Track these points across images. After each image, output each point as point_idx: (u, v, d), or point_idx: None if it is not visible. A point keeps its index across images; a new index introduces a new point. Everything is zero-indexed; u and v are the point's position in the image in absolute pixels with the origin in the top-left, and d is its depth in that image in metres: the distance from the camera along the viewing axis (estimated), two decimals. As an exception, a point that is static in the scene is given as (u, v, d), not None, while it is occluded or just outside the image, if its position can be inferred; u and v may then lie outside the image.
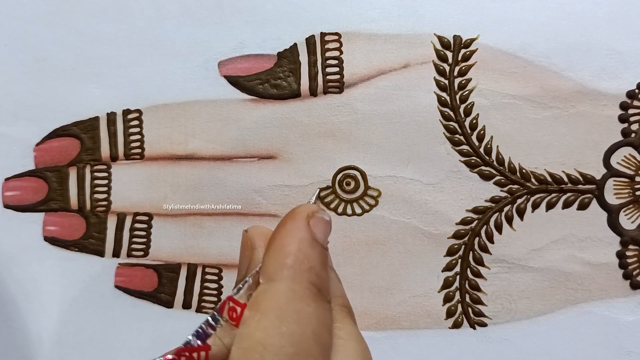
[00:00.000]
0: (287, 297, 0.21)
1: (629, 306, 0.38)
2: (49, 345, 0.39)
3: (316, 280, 0.22)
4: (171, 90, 0.39)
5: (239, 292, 0.22)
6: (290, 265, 0.22)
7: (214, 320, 0.21)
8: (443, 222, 0.38)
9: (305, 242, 0.22)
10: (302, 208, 0.24)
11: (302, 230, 0.23)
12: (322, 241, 0.23)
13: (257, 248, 0.24)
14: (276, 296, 0.21)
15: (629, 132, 0.38)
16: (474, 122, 0.38)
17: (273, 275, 0.21)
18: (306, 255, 0.22)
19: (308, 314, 0.21)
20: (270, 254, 0.22)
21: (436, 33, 0.38)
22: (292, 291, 0.21)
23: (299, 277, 0.21)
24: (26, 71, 0.40)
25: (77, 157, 0.40)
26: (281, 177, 0.39)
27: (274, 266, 0.22)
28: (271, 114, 0.39)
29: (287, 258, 0.22)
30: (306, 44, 0.39)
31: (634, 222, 0.38)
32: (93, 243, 0.39)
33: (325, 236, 0.24)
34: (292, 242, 0.22)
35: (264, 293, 0.21)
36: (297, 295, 0.21)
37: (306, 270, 0.22)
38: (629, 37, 0.38)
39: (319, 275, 0.22)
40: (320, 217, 0.24)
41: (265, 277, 0.22)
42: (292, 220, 0.23)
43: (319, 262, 0.22)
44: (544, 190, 0.38)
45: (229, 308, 0.21)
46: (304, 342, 0.20)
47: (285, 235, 0.23)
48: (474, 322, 0.38)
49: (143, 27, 0.39)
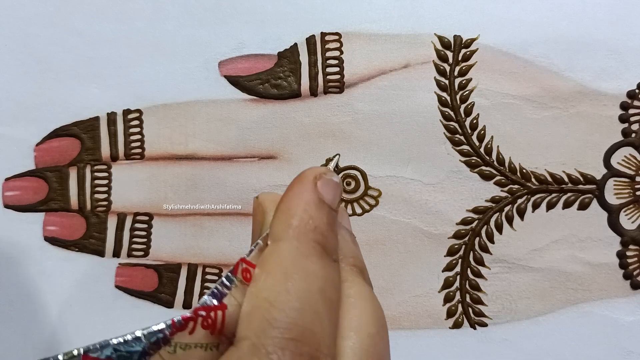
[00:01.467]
0: (292, 255, 0.21)
1: (629, 306, 0.38)
2: (48, 345, 0.39)
3: (321, 240, 0.22)
4: (171, 91, 0.39)
5: (251, 254, 0.22)
6: (295, 225, 0.22)
7: (228, 281, 0.21)
8: (443, 222, 0.38)
9: (312, 203, 0.23)
10: (309, 170, 0.24)
11: (308, 192, 0.23)
12: (330, 202, 0.23)
13: (267, 212, 0.24)
14: (282, 255, 0.21)
15: (629, 132, 0.38)
16: (474, 122, 0.38)
17: (279, 236, 0.22)
18: (311, 215, 0.22)
19: (313, 271, 0.21)
20: (277, 216, 0.23)
21: (436, 33, 0.38)
22: (297, 249, 0.21)
23: (304, 236, 0.22)
24: (26, 71, 0.40)
25: (78, 157, 0.40)
26: (281, 177, 0.39)
27: (280, 227, 0.22)
28: (271, 114, 0.39)
29: (292, 218, 0.22)
30: (306, 44, 0.39)
31: (634, 222, 0.38)
32: (93, 243, 0.39)
33: (333, 197, 0.24)
34: (298, 204, 0.22)
35: (270, 253, 0.21)
36: (302, 253, 0.21)
37: (311, 230, 0.22)
38: (629, 38, 0.38)
39: (325, 235, 0.22)
40: (328, 178, 0.24)
41: (272, 237, 0.22)
42: (299, 183, 0.23)
43: (325, 223, 0.22)
44: (545, 190, 0.38)
45: (243, 269, 0.21)
46: (310, 297, 0.20)
47: (292, 198, 0.23)
48: (475, 322, 0.38)
49: (143, 27, 0.39)
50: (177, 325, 0.20)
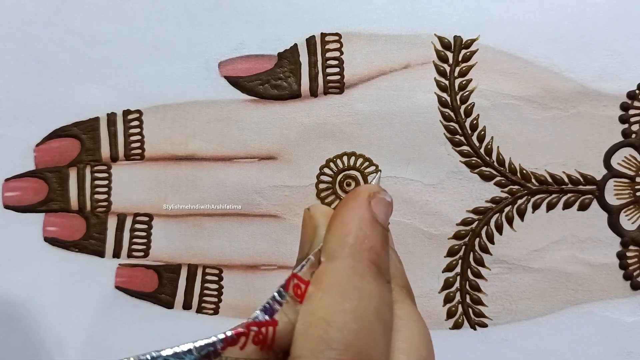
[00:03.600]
0: (348, 274, 0.21)
1: (630, 307, 0.38)
2: (49, 346, 0.39)
3: (376, 260, 0.22)
4: (171, 91, 0.39)
5: (302, 269, 0.22)
6: (351, 244, 0.22)
7: (280, 296, 0.21)
8: (443, 222, 0.38)
9: (366, 221, 0.22)
10: (364, 187, 0.24)
11: (363, 210, 0.23)
12: (382, 221, 0.23)
13: (319, 226, 0.23)
14: (337, 274, 0.21)
15: (630, 132, 0.38)
16: (474, 122, 0.38)
17: (334, 253, 0.22)
18: (367, 234, 0.22)
19: (370, 291, 0.21)
20: (332, 232, 0.22)
21: (437, 34, 0.38)
22: (353, 269, 0.21)
23: (360, 255, 0.21)
24: (26, 72, 0.40)
25: (78, 157, 0.40)
26: (281, 177, 0.39)
27: (335, 244, 0.22)
28: (271, 115, 0.39)
29: (348, 236, 0.22)
30: (306, 44, 0.39)
31: (634, 223, 0.38)
32: (93, 244, 0.39)
33: (386, 217, 0.24)
34: (353, 221, 0.22)
35: (325, 270, 0.21)
36: (358, 273, 0.21)
37: (367, 249, 0.22)
38: (630, 38, 0.38)
39: (379, 254, 0.22)
40: (381, 197, 0.24)
41: (326, 255, 0.22)
42: (353, 199, 0.23)
43: (380, 242, 0.22)
44: (545, 191, 0.38)
45: (294, 285, 0.21)
46: (367, 318, 0.20)
47: (346, 214, 0.23)
48: (475, 322, 0.38)
49: (143, 27, 0.39)
50: (229, 339, 0.20)
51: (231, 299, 0.39)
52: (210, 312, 0.39)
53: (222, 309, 0.39)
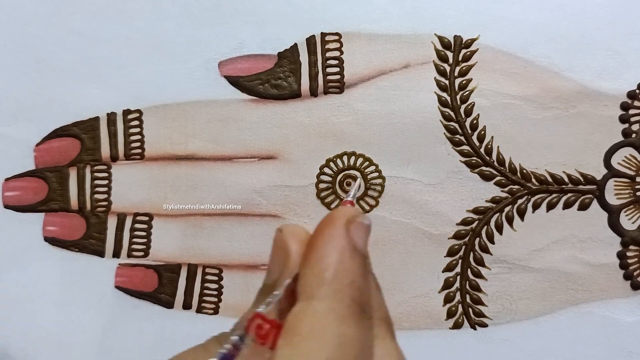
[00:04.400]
0: (327, 318, 0.19)
1: (630, 307, 0.38)
2: (49, 345, 0.39)
3: (358, 297, 0.20)
4: (171, 91, 0.39)
5: (268, 307, 0.20)
6: (330, 280, 0.20)
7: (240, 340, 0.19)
8: (443, 222, 0.38)
9: (346, 252, 0.21)
10: (340, 212, 0.22)
11: (341, 239, 0.21)
12: (362, 249, 0.21)
13: (291, 254, 0.22)
14: (315, 317, 0.19)
15: (630, 132, 0.38)
16: (474, 122, 0.38)
17: (312, 292, 0.20)
18: (347, 267, 0.20)
19: (350, 337, 0.19)
20: (309, 267, 0.21)
21: (437, 33, 0.38)
22: (333, 311, 0.20)
23: (340, 294, 0.20)
24: (26, 71, 0.40)
25: (78, 157, 0.40)
26: (281, 177, 0.39)
27: (312, 281, 0.20)
28: (271, 114, 0.39)
29: (326, 271, 0.20)
30: (306, 44, 0.39)
31: (634, 223, 0.38)
32: (93, 243, 0.39)
33: (365, 243, 0.22)
34: (332, 253, 0.21)
35: (303, 313, 0.20)
36: (338, 316, 0.20)
37: (347, 285, 0.20)
38: (630, 38, 0.38)
39: (361, 289, 0.21)
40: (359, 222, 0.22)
41: (303, 293, 0.20)
42: (330, 226, 0.21)
43: (360, 274, 0.21)
44: (545, 191, 0.38)
45: (257, 325, 0.19)
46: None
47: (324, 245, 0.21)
48: (475, 322, 0.38)
49: (143, 27, 0.39)
50: None
51: (231, 299, 0.39)
52: (210, 312, 0.39)
53: (222, 309, 0.39)
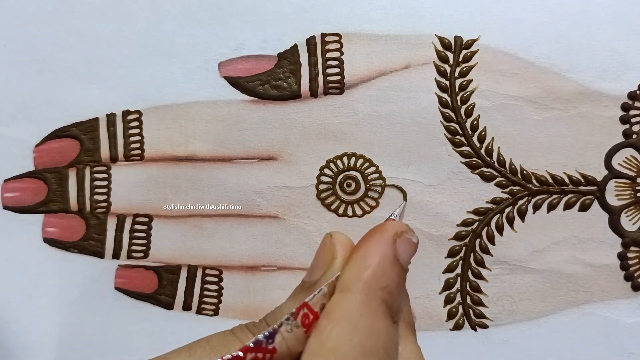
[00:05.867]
0: (359, 310, 0.21)
1: (631, 308, 0.38)
2: (48, 347, 0.39)
3: (388, 299, 0.22)
4: (171, 91, 0.39)
5: (313, 299, 0.22)
6: (366, 279, 0.22)
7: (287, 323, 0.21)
8: (444, 223, 0.38)
9: (387, 259, 0.23)
10: (392, 224, 0.24)
11: (386, 247, 0.23)
12: (403, 262, 0.23)
13: (337, 257, 0.24)
14: (349, 307, 0.21)
15: (631, 133, 0.38)
16: (475, 123, 0.38)
17: (348, 286, 0.22)
18: (384, 272, 0.22)
19: (379, 329, 0.21)
20: (351, 264, 0.23)
21: (437, 34, 0.38)
22: (365, 305, 0.21)
23: (373, 292, 0.22)
24: (25, 72, 0.40)
25: (77, 158, 0.39)
26: (281, 178, 0.39)
27: (351, 277, 0.22)
28: (271, 115, 0.39)
29: (365, 271, 0.22)
30: (307, 44, 0.39)
31: (635, 224, 0.38)
32: (93, 244, 0.39)
33: (408, 258, 0.24)
34: (374, 256, 0.22)
35: (337, 303, 0.22)
36: (369, 309, 0.21)
37: (381, 287, 0.22)
38: (631, 38, 0.38)
39: (392, 294, 0.22)
40: (408, 237, 0.24)
41: (341, 286, 0.22)
42: (379, 234, 0.23)
43: (395, 282, 0.23)
44: (545, 192, 0.38)
45: (303, 314, 0.21)
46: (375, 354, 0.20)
47: (369, 248, 0.23)
48: (475, 323, 0.38)
49: (143, 27, 0.39)
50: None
51: (231, 300, 0.39)
52: (210, 313, 0.39)
53: (222, 310, 0.39)
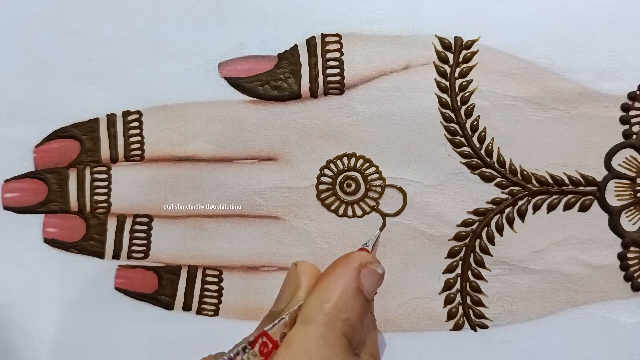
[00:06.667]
0: (317, 342, 0.21)
1: (630, 308, 0.38)
2: (48, 347, 0.39)
3: (349, 332, 0.22)
4: (171, 92, 0.39)
5: (273, 328, 0.22)
6: (327, 312, 0.22)
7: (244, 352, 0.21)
8: (444, 223, 0.38)
9: (350, 290, 0.23)
10: (356, 255, 0.24)
11: (349, 278, 0.23)
12: (367, 293, 0.23)
13: (301, 287, 0.24)
14: (308, 339, 0.21)
15: (630, 133, 0.38)
16: (474, 123, 0.38)
17: (309, 318, 0.22)
18: (346, 304, 0.22)
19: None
20: (313, 295, 0.23)
21: (437, 34, 0.38)
22: (324, 337, 0.21)
23: (333, 325, 0.22)
24: (25, 72, 0.40)
25: (77, 158, 0.39)
26: (281, 178, 0.39)
27: (312, 308, 0.22)
28: (271, 116, 0.39)
29: (326, 303, 0.22)
30: (307, 45, 0.39)
31: (635, 224, 0.38)
32: (93, 245, 0.39)
33: (373, 288, 0.24)
34: (336, 288, 0.23)
35: (297, 334, 0.22)
36: (327, 342, 0.21)
37: (342, 320, 0.22)
38: (631, 39, 0.38)
39: (354, 327, 0.22)
40: (372, 269, 0.24)
41: (302, 317, 0.22)
42: (343, 265, 0.23)
43: (357, 314, 0.23)
44: (545, 192, 0.38)
45: (262, 343, 0.21)
46: None
47: (332, 279, 0.23)
48: (475, 324, 0.38)
49: (143, 28, 0.39)
50: None
51: (231, 301, 0.39)
52: (210, 314, 0.39)
53: (222, 311, 0.39)
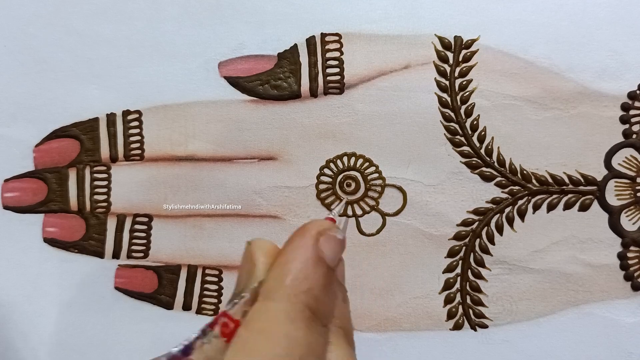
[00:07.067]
0: (279, 318, 0.21)
1: (630, 308, 0.38)
2: (48, 346, 0.39)
3: (313, 303, 0.21)
4: (171, 91, 0.39)
5: (234, 307, 0.21)
6: (288, 285, 0.21)
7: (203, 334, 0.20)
8: (444, 223, 0.38)
9: (310, 261, 0.22)
10: (312, 224, 0.23)
11: (308, 248, 0.22)
12: (329, 261, 0.22)
13: (257, 264, 0.23)
14: (269, 316, 0.21)
15: (630, 133, 0.38)
16: (474, 123, 0.38)
17: (270, 294, 0.21)
18: (307, 275, 0.22)
19: (297, 338, 0.20)
20: (272, 271, 0.22)
21: (437, 34, 0.38)
22: (285, 313, 0.21)
23: (295, 298, 0.21)
24: (26, 72, 0.40)
25: (77, 158, 0.39)
26: (281, 178, 0.39)
27: (272, 284, 0.22)
28: (271, 115, 0.39)
29: (286, 276, 0.21)
30: (306, 44, 0.39)
31: (635, 224, 0.38)
32: (93, 244, 0.39)
33: (335, 255, 0.23)
34: (295, 261, 0.22)
35: (258, 311, 0.21)
36: (289, 317, 0.21)
37: (304, 291, 0.21)
38: (630, 38, 0.38)
39: (317, 297, 0.22)
40: (331, 235, 0.23)
41: (263, 294, 0.21)
42: (300, 237, 0.23)
43: (321, 284, 0.22)
44: (545, 192, 0.38)
45: (222, 323, 0.21)
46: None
47: (289, 252, 0.22)
48: (475, 323, 0.38)
49: (143, 28, 0.39)
50: None
51: (231, 300, 0.39)
52: (210, 313, 0.39)
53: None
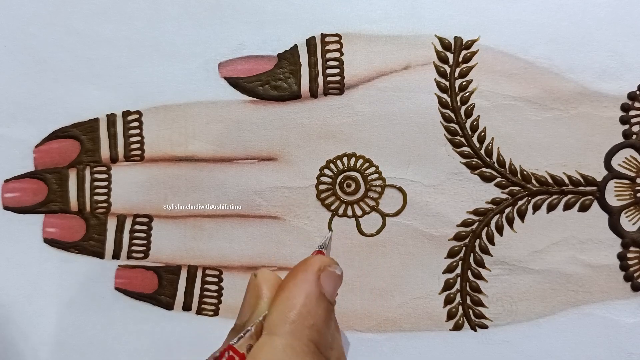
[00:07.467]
0: (285, 353, 0.21)
1: (630, 308, 0.38)
2: (48, 347, 0.39)
3: (316, 338, 0.22)
4: (171, 92, 0.39)
5: (239, 341, 0.22)
6: (292, 320, 0.22)
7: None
8: (444, 223, 0.38)
9: (312, 296, 0.23)
10: (314, 260, 0.24)
11: (310, 284, 0.23)
12: (329, 296, 0.23)
13: (262, 297, 0.24)
14: (275, 351, 0.21)
15: (630, 133, 0.38)
16: (474, 123, 0.38)
17: (275, 329, 0.22)
18: (310, 310, 0.22)
19: None
20: (276, 305, 0.23)
21: (437, 34, 0.38)
22: (291, 347, 0.21)
23: (300, 333, 0.22)
24: (25, 72, 0.40)
25: (77, 158, 0.39)
26: (281, 178, 0.39)
27: (277, 319, 0.22)
28: (271, 116, 0.39)
29: (291, 312, 0.22)
30: (306, 45, 0.39)
31: (635, 224, 0.38)
32: (93, 245, 0.39)
33: (334, 290, 0.24)
34: (299, 296, 0.23)
35: (263, 346, 0.22)
36: (295, 351, 0.21)
37: (308, 326, 0.22)
38: (630, 39, 0.38)
39: (320, 332, 0.22)
40: (331, 271, 0.24)
41: (267, 328, 0.22)
42: (302, 272, 0.24)
43: (322, 319, 0.23)
44: (545, 192, 0.38)
45: (228, 357, 0.21)
46: None
47: (293, 287, 0.23)
48: (475, 324, 0.38)
49: (143, 28, 0.39)
50: None
51: (231, 300, 0.39)
52: (210, 314, 0.39)
53: (222, 311, 0.39)
